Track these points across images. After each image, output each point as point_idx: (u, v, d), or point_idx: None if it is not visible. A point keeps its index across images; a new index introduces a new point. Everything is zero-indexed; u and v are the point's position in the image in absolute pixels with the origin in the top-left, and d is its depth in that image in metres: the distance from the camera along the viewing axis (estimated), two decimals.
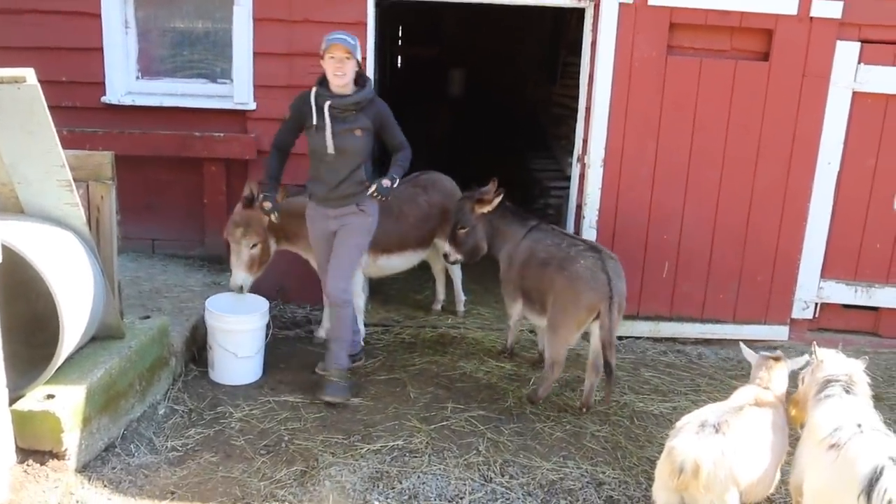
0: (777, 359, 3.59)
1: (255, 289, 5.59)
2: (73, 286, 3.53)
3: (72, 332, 3.48)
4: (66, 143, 3.56)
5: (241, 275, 4.68)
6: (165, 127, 5.50)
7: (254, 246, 4.66)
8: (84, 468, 3.56)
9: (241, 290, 4.69)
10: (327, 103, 4.20)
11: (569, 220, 5.69)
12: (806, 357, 3.59)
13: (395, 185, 4.36)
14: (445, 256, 5.06)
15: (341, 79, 4.18)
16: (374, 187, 4.31)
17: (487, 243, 4.94)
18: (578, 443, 4.20)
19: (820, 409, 3.17)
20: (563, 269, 4.42)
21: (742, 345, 3.79)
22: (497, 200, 4.83)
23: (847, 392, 3.19)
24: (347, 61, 4.14)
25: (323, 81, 4.26)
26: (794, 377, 3.59)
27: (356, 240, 4.49)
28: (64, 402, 3.42)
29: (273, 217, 4.47)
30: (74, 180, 3.65)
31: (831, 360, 3.33)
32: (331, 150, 4.26)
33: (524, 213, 5.04)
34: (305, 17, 5.28)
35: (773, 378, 3.52)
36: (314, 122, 4.24)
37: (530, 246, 4.71)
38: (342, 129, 4.24)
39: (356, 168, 4.36)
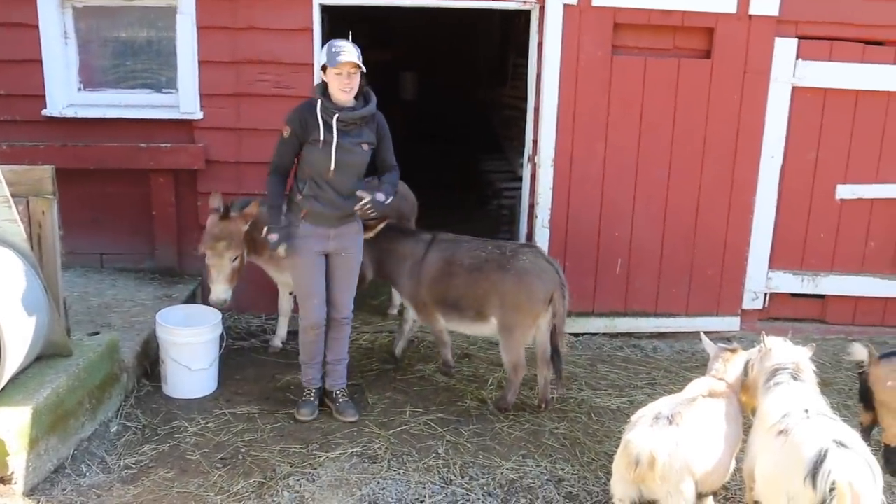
0: (734, 350, 3.67)
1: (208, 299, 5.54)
2: (14, 305, 3.44)
3: (14, 352, 3.39)
4: (7, 158, 3.49)
5: (223, 288, 4.45)
6: (110, 139, 5.38)
7: (235, 258, 4.46)
8: (32, 491, 3.47)
9: (223, 304, 4.48)
10: (335, 116, 3.95)
11: (522, 221, 5.73)
12: (757, 350, 3.66)
13: (387, 203, 4.17)
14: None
15: (349, 94, 3.97)
16: (367, 199, 4.05)
17: (375, 268, 4.78)
18: (537, 441, 4.22)
19: (769, 397, 3.25)
20: (507, 269, 4.40)
21: (703, 335, 3.85)
22: (380, 227, 4.59)
23: (795, 379, 3.28)
24: (354, 76, 3.93)
25: (324, 92, 4.01)
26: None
27: (358, 259, 4.35)
28: (8, 424, 3.33)
29: (281, 251, 4.15)
30: (13, 196, 3.57)
31: (779, 349, 3.41)
32: (332, 165, 4.00)
33: (412, 229, 4.95)
34: (250, 25, 5.23)
35: (729, 369, 3.59)
36: (321, 136, 3.97)
37: (443, 257, 4.57)
38: (348, 143, 4.02)
39: (357, 184, 4.14)
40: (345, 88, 3.95)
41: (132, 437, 4.08)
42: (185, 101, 5.37)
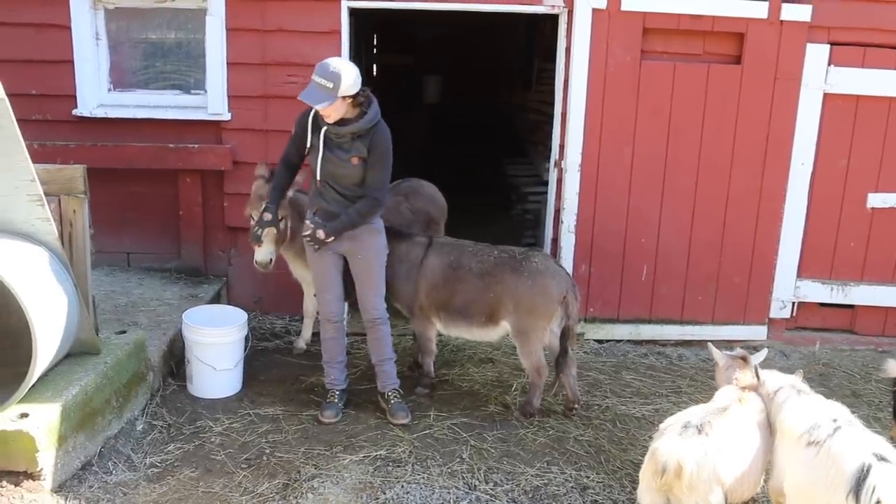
0: (744, 358, 3.64)
1: (233, 299, 5.58)
2: (46, 303, 3.46)
3: (45, 349, 3.41)
4: (38, 157, 3.51)
5: (268, 248, 4.45)
6: (139, 139, 5.43)
7: (280, 220, 4.47)
8: (60, 488, 3.49)
9: (268, 264, 4.48)
10: (324, 128, 4.00)
11: (547, 225, 5.70)
12: (766, 352, 3.79)
13: (329, 241, 4.11)
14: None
15: (328, 119, 3.97)
16: (309, 231, 4.09)
17: None
18: (562, 448, 4.19)
19: (786, 410, 3.21)
20: (521, 272, 4.39)
21: (710, 346, 3.82)
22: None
23: (799, 392, 3.31)
24: (329, 108, 3.90)
25: None
26: None
27: (380, 260, 4.33)
28: (38, 420, 3.35)
29: (267, 232, 4.30)
30: (46, 195, 3.59)
31: (771, 377, 3.46)
32: (319, 175, 4.09)
33: (407, 232, 4.83)
34: (279, 27, 5.26)
35: (746, 377, 3.56)
36: (310, 142, 4.08)
37: (446, 262, 4.52)
38: (335, 156, 4.03)
39: (356, 194, 4.13)
40: (321, 114, 3.98)
41: (158, 435, 4.10)
42: (213, 102, 5.40)
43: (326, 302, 4.33)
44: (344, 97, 3.89)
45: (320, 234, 4.09)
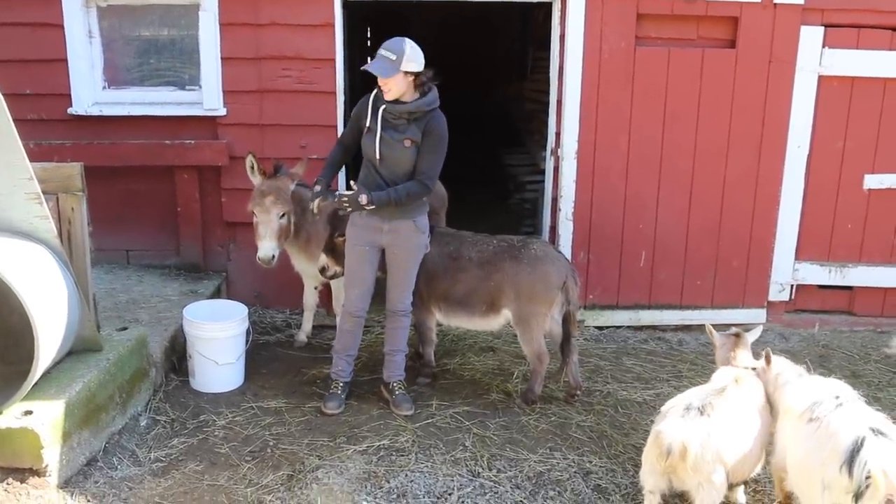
0: (738, 335, 3.67)
1: (233, 294, 5.59)
2: (47, 300, 3.47)
3: (47, 346, 3.42)
4: (34, 156, 3.51)
5: (271, 244, 4.48)
6: (135, 136, 5.43)
7: (283, 215, 4.52)
8: (66, 484, 3.51)
9: (271, 261, 4.50)
10: (382, 107, 4.06)
11: (545, 214, 5.71)
12: (760, 328, 3.85)
13: (368, 208, 4.05)
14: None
15: (388, 94, 4.03)
16: (349, 193, 4.05)
17: None
18: (564, 433, 4.21)
19: (789, 390, 3.25)
20: (520, 259, 4.41)
21: (708, 326, 3.85)
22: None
23: (800, 374, 3.37)
24: (390, 80, 3.98)
25: None
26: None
27: (417, 258, 4.33)
28: (42, 417, 3.37)
29: (317, 204, 4.19)
30: (44, 193, 3.59)
31: (778, 362, 3.49)
32: (377, 155, 4.10)
33: None
34: (272, 21, 5.25)
35: (739, 356, 3.59)
36: (367, 123, 4.12)
37: (446, 252, 4.52)
38: (391, 136, 4.07)
39: (405, 178, 4.14)
40: (383, 88, 4.04)
41: (161, 430, 4.11)
42: (208, 97, 5.40)
43: (353, 297, 4.31)
44: (406, 72, 3.98)
45: (363, 198, 4.03)
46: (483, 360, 5.11)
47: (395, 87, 4.01)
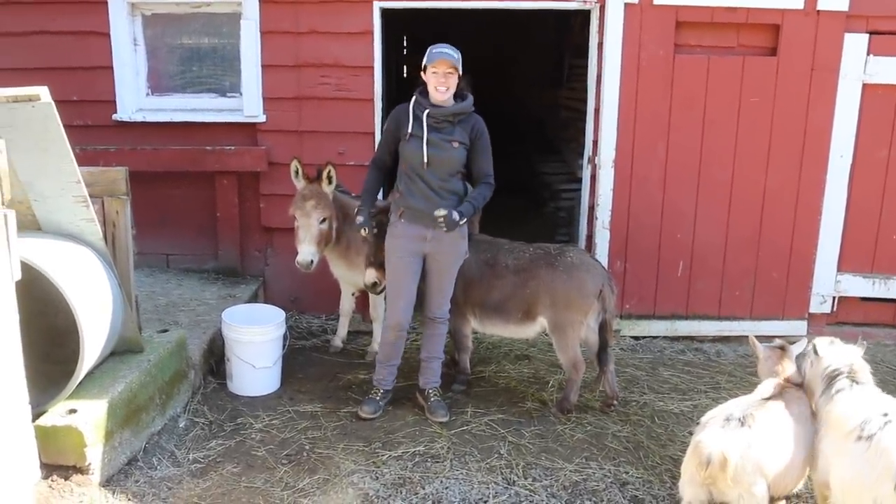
0: (783, 348, 3.59)
1: (270, 299, 5.64)
2: (92, 302, 3.54)
3: (92, 347, 3.49)
4: (80, 161, 3.58)
5: (310, 249, 4.50)
6: (176, 142, 5.54)
7: (323, 220, 4.53)
8: (108, 482, 3.57)
9: (310, 265, 4.51)
10: (425, 112, 4.08)
11: (581, 222, 5.68)
12: (805, 341, 3.65)
13: (461, 223, 4.12)
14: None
15: (444, 94, 4.06)
16: (443, 214, 4.05)
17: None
18: (600, 443, 4.18)
19: (837, 403, 3.15)
20: (556, 266, 4.40)
21: (752, 338, 3.76)
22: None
23: (854, 382, 3.19)
24: (450, 76, 4.03)
25: (423, 91, 4.15)
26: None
27: (456, 265, 4.34)
28: (86, 416, 3.43)
29: (363, 232, 4.27)
30: (89, 196, 3.67)
31: (830, 353, 3.31)
32: (425, 159, 4.09)
33: None
34: (312, 29, 5.32)
35: (786, 367, 3.51)
36: (409, 130, 4.11)
37: (483, 259, 4.52)
38: (438, 139, 4.10)
39: (453, 183, 4.20)
40: (440, 86, 4.05)
41: (200, 432, 4.17)
42: (248, 104, 5.48)
43: (397, 309, 4.30)
44: (461, 73, 4.08)
45: (455, 216, 4.07)
46: (518, 368, 5.10)
47: (454, 84, 4.07)
